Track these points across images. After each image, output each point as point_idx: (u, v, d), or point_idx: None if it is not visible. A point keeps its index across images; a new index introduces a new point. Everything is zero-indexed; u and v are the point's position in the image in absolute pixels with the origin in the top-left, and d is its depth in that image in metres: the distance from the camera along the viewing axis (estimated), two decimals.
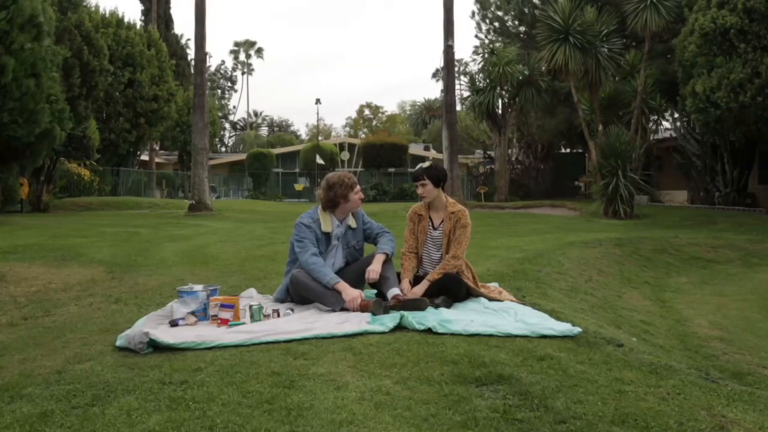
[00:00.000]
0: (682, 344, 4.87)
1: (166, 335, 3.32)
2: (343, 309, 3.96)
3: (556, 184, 25.86)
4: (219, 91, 66.11)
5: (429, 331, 3.51)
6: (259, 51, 67.28)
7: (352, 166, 33.69)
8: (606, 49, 15.94)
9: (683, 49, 14.30)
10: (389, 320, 3.64)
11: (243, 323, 3.69)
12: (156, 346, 3.22)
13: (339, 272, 4.27)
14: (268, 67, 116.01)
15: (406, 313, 3.74)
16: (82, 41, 18.71)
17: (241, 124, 69.18)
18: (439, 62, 30.01)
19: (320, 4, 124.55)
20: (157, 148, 36.26)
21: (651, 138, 20.17)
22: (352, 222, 4.48)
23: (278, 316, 3.87)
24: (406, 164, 34.63)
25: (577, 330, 3.52)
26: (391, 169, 35.73)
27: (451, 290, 4.25)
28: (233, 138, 67.13)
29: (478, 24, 24.62)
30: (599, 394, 2.57)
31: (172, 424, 2.27)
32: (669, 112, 20.27)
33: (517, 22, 23.90)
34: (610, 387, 2.65)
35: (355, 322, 3.65)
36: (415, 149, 39.23)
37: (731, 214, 15.21)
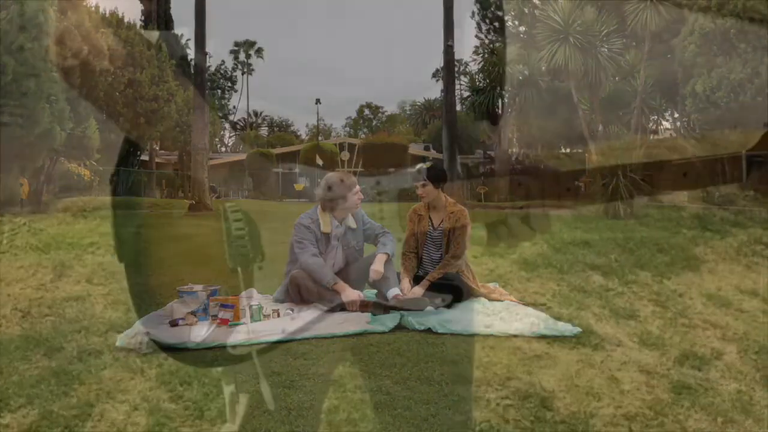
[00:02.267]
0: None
1: (166, 335, 3.33)
2: (343, 309, 3.96)
3: (556, 184, 25.84)
4: (219, 91, 66.06)
5: (429, 331, 3.51)
6: (259, 51, 67.30)
7: (352, 166, 33.67)
8: (606, 49, 15.94)
9: (683, 49, 14.29)
10: (389, 320, 3.64)
11: (243, 323, 3.69)
12: (156, 346, 3.22)
13: (339, 273, 4.26)
14: (268, 67, 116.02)
15: (406, 313, 3.74)
16: (82, 41, 18.68)
17: (241, 124, 69.15)
18: (439, 62, 29.96)
19: (320, 5, 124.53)
20: (157, 148, 36.21)
21: (651, 138, 20.16)
22: (351, 222, 4.47)
23: (278, 316, 3.87)
24: (406, 164, 34.58)
25: (577, 330, 3.52)
26: (391, 169, 35.69)
27: (451, 290, 4.25)
28: (233, 138, 67.09)
29: (478, 24, 24.63)
30: (599, 394, 2.57)
31: (172, 424, 2.27)
32: (669, 112, 20.27)
33: (517, 22, 23.88)
34: (610, 387, 2.65)
35: (355, 322, 3.66)
36: (415, 149, 39.18)
37: (731, 214, 15.18)
